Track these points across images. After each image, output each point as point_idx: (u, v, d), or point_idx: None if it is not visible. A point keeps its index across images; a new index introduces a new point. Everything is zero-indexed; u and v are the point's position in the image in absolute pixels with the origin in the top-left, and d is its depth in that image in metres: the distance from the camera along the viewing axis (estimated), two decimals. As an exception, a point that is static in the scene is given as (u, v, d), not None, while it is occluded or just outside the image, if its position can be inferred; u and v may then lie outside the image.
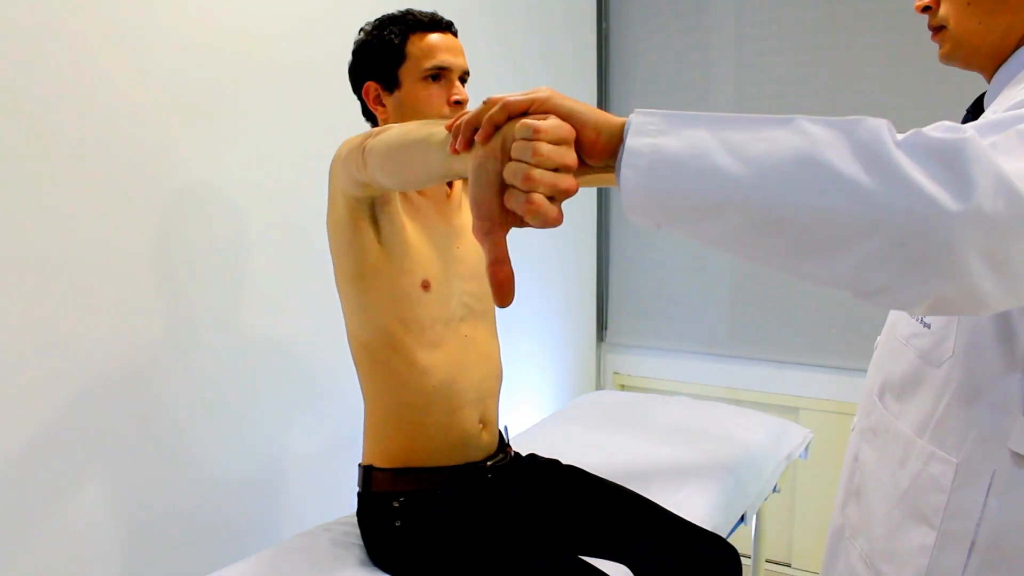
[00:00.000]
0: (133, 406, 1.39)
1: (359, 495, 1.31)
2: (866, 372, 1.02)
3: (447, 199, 1.35)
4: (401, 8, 1.29)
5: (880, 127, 0.56)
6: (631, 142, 0.60)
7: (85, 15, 1.27)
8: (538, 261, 2.48)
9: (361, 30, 1.30)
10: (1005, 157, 0.57)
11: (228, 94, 1.51)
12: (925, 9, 0.90)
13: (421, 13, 1.28)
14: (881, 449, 0.92)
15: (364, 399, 1.31)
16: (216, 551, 1.52)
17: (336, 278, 1.26)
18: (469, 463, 1.30)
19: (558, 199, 0.59)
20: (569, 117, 0.62)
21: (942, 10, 0.88)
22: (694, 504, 1.50)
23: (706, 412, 2.03)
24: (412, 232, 1.25)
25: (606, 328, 2.90)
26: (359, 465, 1.32)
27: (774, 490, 1.88)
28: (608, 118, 0.63)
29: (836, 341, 2.40)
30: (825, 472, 2.35)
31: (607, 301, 2.88)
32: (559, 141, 0.59)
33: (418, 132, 0.82)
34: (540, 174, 0.57)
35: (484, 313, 1.37)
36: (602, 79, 2.77)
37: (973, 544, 0.78)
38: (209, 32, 1.47)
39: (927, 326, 0.86)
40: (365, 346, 1.27)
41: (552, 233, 2.47)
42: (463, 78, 1.29)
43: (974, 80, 0.91)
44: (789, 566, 2.54)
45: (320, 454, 1.76)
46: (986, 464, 0.78)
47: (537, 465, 1.44)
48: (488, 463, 1.33)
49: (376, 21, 1.29)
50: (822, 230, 0.57)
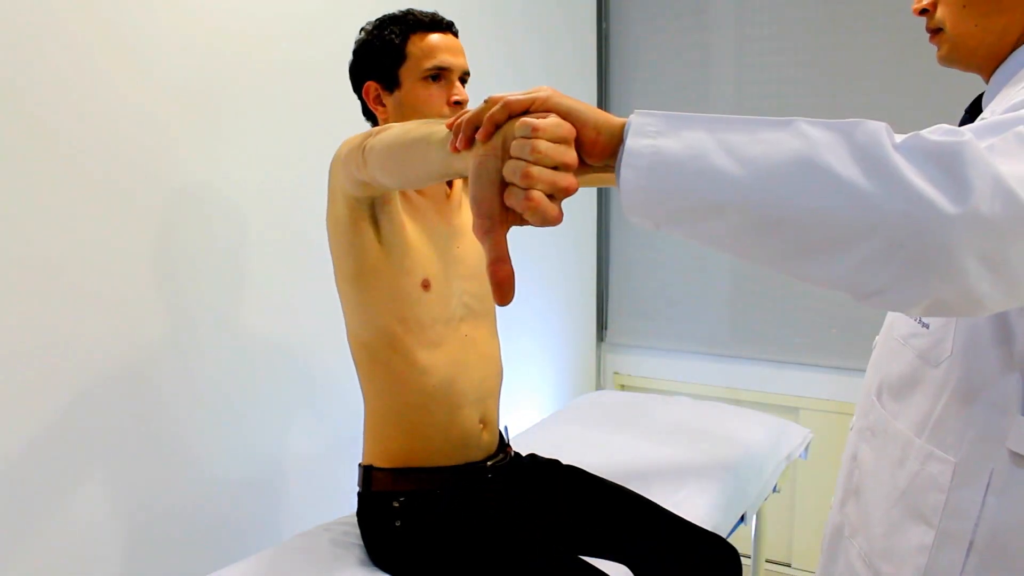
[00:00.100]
0: (133, 406, 1.39)
1: (359, 495, 1.31)
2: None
3: (447, 199, 1.35)
4: (402, 8, 1.29)
5: (879, 130, 0.56)
6: (631, 143, 0.60)
7: (85, 15, 1.27)
8: (538, 261, 2.48)
9: (362, 30, 1.30)
10: (1002, 160, 0.57)
11: (228, 94, 1.52)
12: (923, 12, 0.91)
13: (422, 13, 1.28)
14: (879, 449, 0.92)
15: (364, 399, 1.31)
16: (216, 551, 1.52)
17: (336, 278, 1.26)
18: (469, 463, 1.30)
19: (558, 197, 0.59)
20: (569, 116, 0.62)
21: (939, 12, 0.89)
22: (694, 504, 1.50)
23: (706, 412, 2.03)
24: (412, 232, 1.26)
25: (606, 328, 2.90)
26: (359, 465, 1.32)
27: (774, 490, 1.88)
28: (608, 118, 0.63)
29: (836, 341, 2.40)
30: (825, 472, 2.35)
31: (607, 301, 2.88)
32: (558, 139, 0.60)
33: (418, 131, 0.82)
34: (539, 171, 0.58)
35: (484, 313, 1.37)
36: (602, 79, 2.77)
37: (971, 543, 0.78)
38: (209, 32, 1.47)
39: (925, 326, 0.86)
40: (365, 346, 1.27)
41: (552, 233, 2.47)
42: (463, 78, 1.29)
43: (974, 80, 0.92)
44: (789, 566, 2.54)
45: (320, 454, 1.76)
46: (984, 464, 0.78)
47: (537, 465, 1.44)
48: (488, 463, 1.33)
49: (377, 21, 1.29)
50: (820, 232, 0.57)
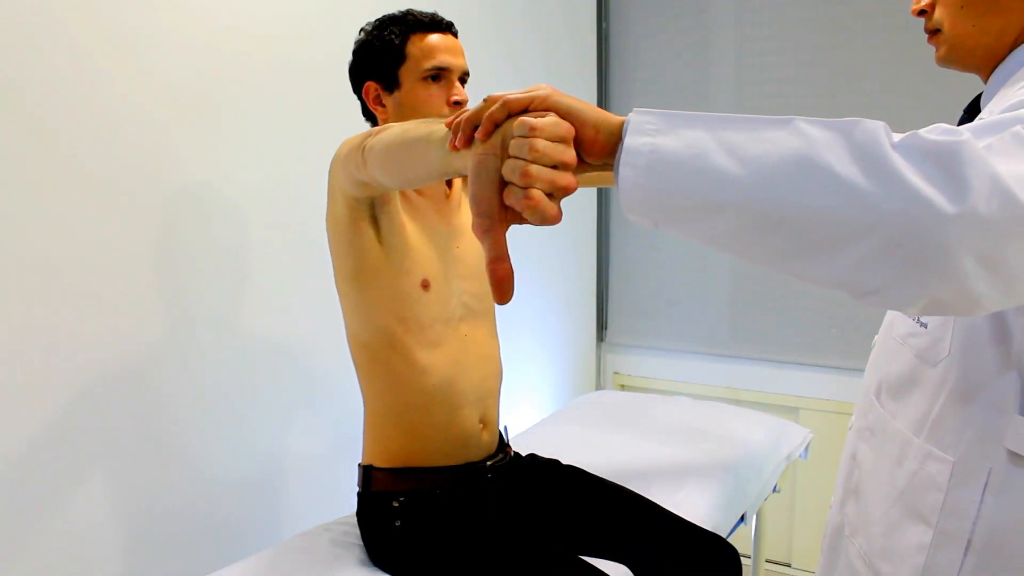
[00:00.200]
0: (133, 406, 1.39)
1: (359, 495, 1.31)
2: (865, 372, 1.03)
3: (446, 199, 1.35)
4: (401, 8, 1.29)
5: (877, 129, 0.57)
6: (629, 141, 0.60)
7: (85, 15, 1.28)
8: (538, 261, 2.48)
9: (361, 30, 1.30)
10: (1000, 159, 0.57)
11: (228, 94, 1.52)
12: (921, 12, 0.91)
13: (421, 13, 1.28)
14: (878, 448, 0.92)
15: (364, 399, 1.31)
16: (216, 551, 1.52)
17: (335, 278, 1.26)
18: (469, 463, 1.30)
19: (557, 196, 0.59)
20: (568, 115, 0.62)
21: (937, 13, 0.89)
22: (694, 504, 1.50)
23: (706, 412, 2.03)
24: (412, 232, 1.26)
25: (606, 328, 2.90)
26: (359, 465, 1.32)
27: (774, 490, 1.88)
28: (607, 116, 0.63)
29: (836, 341, 2.40)
30: (825, 472, 2.35)
31: (607, 301, 2.88)
32: (557, 138, 0.60)
33: (418, 130, 0.83)
34: (538, 170, 0.58)
35: (484, 313, 1.37)
36: (602, 79, 2.78)
37: (969, 543, 0.79)
38: (209, 32, 1.47)
39: (924, 325, 0.86)
40: (365, 346, 1.27)
41: (552, 233, 2.47)
42: (463, 79, 1.29)
43: (973, 80, 0.92)
44: (789, 566, 2.54)
45: (320, 454, 1.76)
46: (982, 463, 0.78)
47: (537, 465, 1.44)
48: (488, 463, 1.33)
49: (376, 21, 1.29)
50: (818, 231, 0.57)
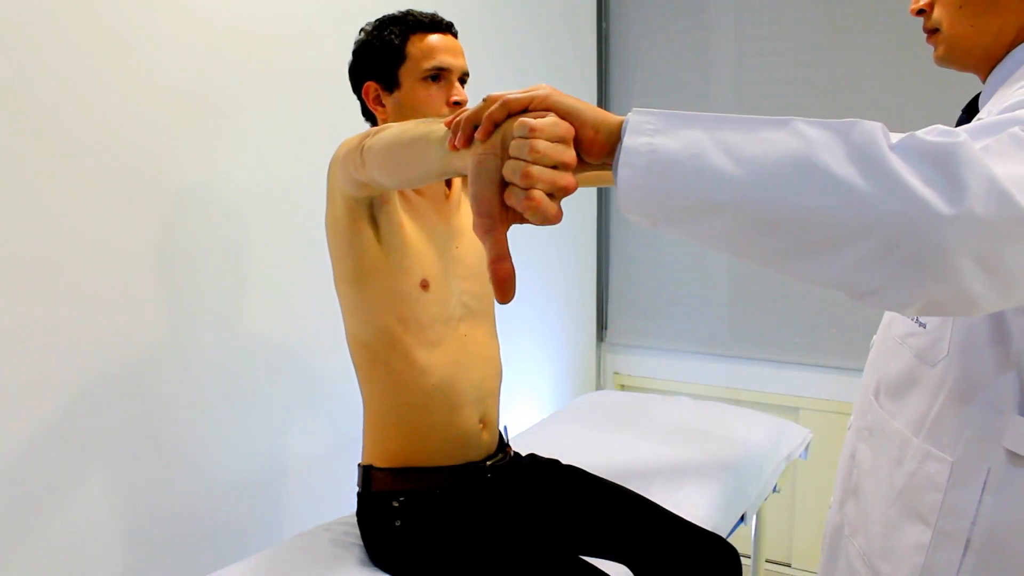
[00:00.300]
0: (133, 406, 1.39)
1: (359, 495, 1.31)
2: (865, 372, 1.03)
3: (446, 199, 1.35)
4: (401, 8, 1.29)
5: (875, 130, 0.57)
6: (628, 141, 0.60)
7: (85, 15, 1.28)
8: (538, 261, 2.48)
9: (361, 30, 1.30)
10: (997, 161, 0.57)
11: (228, 94, 1.52)
12: (920, 12, 0.91)
13: (421, 14, 1.28)
14: (877, 448, 0.92)
15: (363, 399, 1.31)
16: (216, 551, 1.52)
17: (335, 278, 1.26)
18: (469, 463, 1.31)
19: (557, 196, 0.59)
20: (568, 115, 0.62)
21: (936, 13, 0.89)
22: (694, 504, 1.50)
23: (706, 412, 2.03)
24: (411, 232, 1.26)
25: (606, 328, 2.90)
26: (359, 465, 1.32)
27: (774, 490, 1.88)
28: (607, 116, 0.63)
29: (836, 341, 2.40)
30: (825, 472, 2.35)
31: (607, 301, 2.88)
32: (557, 138, 0.60)
33: (417, 130, 0.83)
34: (539, 171, 0.58)
35: (483, 313, 1.37)
36: (602, 79, 2.78)
37: (968, 542, 0.79)
38: (209, 32, 1.47)
39: (922, 325, 0.86)
40: (364, 346, 1.27)
41: (552, 233, 2.47)
42: (463, 79, 1.29)
43: (973, 80, 0.92)
44: (789, 566, 2.54)
45: (320, 454, 1.76)
46: (981, 463, 0.78)
47: (537, 465, 1.44)
48: (488, 463, 1.33)
49: (376, 21, 1.29)
50: (816, 231, 0.57)
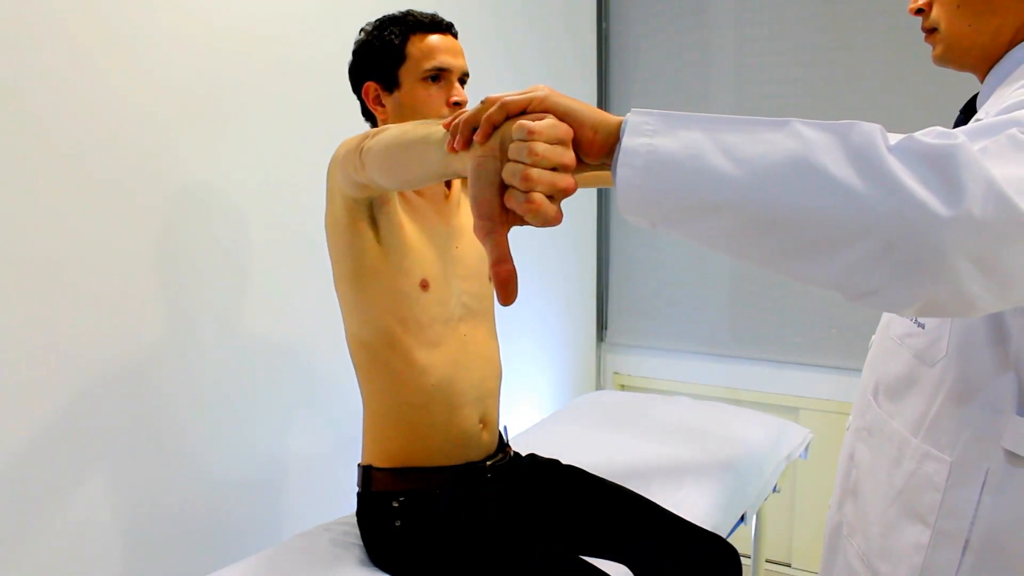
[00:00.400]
0: (133, 406, 1.39)
1: (359, 495, 1.31)
2: (864, 372, 1.03)
3: (446, 199, 1.35)
4: (401, 9, 1.29)
5: (873, 131, 0.57)
6: (627, 141, 0.60)
7: (85, 15, 1.28)
8: (538, 261, 2.48)
9: (361, 30, 1.30)
10: (995, 162, 0.57)
11: (229, 94, 1.52)
12: (918, 12, 0.91)
13: (421, 14, 1.28)
14: (876, 448, 0.92)
15: (363, 399, 1.31)
16: (216, 551, 1.52)
17: (335, 278, 1.26)
18: (469, 463, 1.31)
19: (557, 198, 0.59)
20: (566, 116, 0.62)
21: (934, 12, 0.89)
22: (694, 504, 1.50)
23: (706, 412, 2.03)
24: (411, 232, 1.26)
25: (606, 328, 2.90)
26: (358, 465, 1.32)
27: (774, 490, 1.88)
28: (605, 117, 0.63)
29: (836, 341, 2.40)
30: (825, 472, 2.34)
31: (607, 301, 2.88)
32: (555, 140, 0.60)
33: (416, 131, 0.83)
34: (538, 173, 0.58)
35: (483, 313, 1.37)
36: (602, 79, 2.78)
37: (967, 542, 0.79)
38: (209, 32, 1.47)
39: (921, 326, 0.86)
40: (364, 346, 1.27)
41: (552, 233, 2.47)
42: (463, 79, 1.29)
43: (972, 81, 0.92)
44: (789, 566, 2.54)
45: (320, 454, 1.76)
46: (980, 463, 0.78)
47: (537, 465, 1.44)
48: (488, 463, 1.33)
49: (376, 21, 1.29)
50: (814, 232, 0.57)
